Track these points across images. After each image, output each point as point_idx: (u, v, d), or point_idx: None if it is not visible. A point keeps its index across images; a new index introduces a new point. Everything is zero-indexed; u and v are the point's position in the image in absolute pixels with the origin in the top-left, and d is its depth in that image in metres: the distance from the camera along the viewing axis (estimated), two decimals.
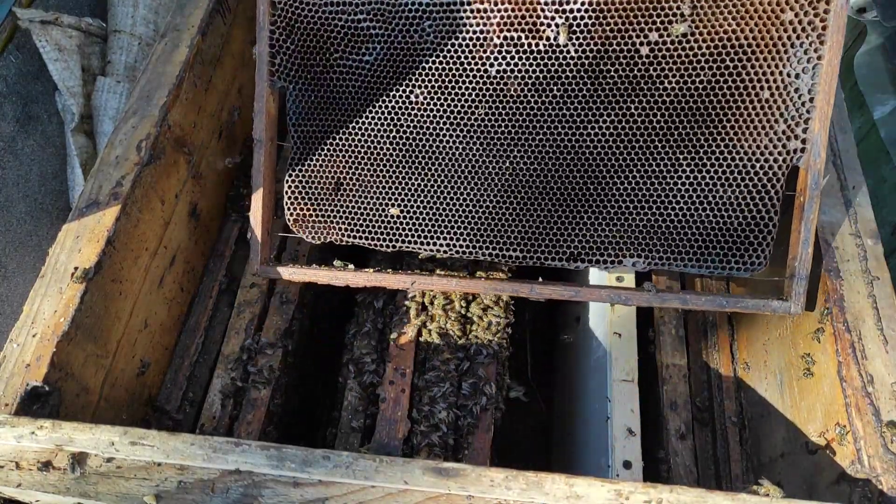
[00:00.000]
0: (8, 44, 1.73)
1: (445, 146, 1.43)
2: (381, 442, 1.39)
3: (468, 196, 1.43)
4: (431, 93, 1.42)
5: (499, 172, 1.41)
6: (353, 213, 1.47)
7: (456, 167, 1.43)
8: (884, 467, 1.03)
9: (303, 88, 1.46)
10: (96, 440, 0.99)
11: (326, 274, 1.46)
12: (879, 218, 1.44)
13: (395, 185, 1.45)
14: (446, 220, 1.44)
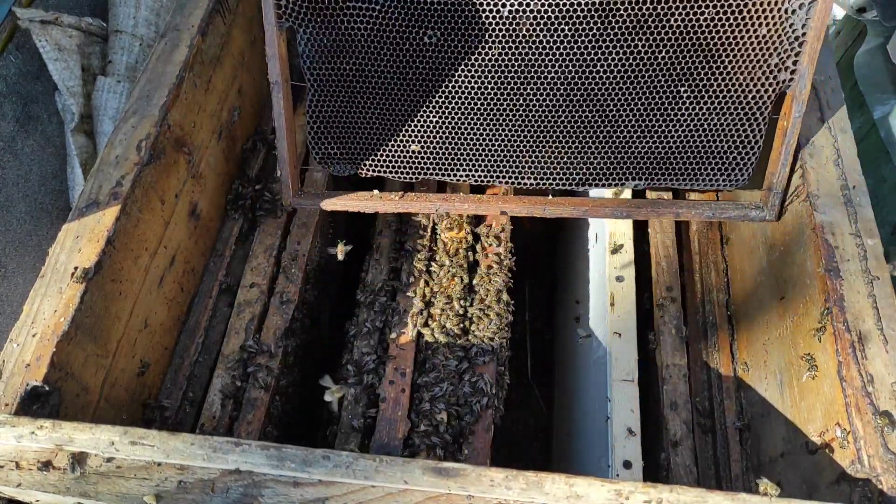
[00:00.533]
0: (8, 44, 1.73)
1: (460, 85, 1.48)
2: (381, 442, 1.39)
3: (484, 130, 1.52)
4: (444, 34, 1.44)
5: (513, 108, 1.49)
6: (377, 149, 1.56)
7: (471, 105, 1.49)
8: (884, 467, 1.03)
9: (314, 31, 1.46)
10: (96, 440, 0.99)
11: (356, 203, 1.58)
12: (879, 218, 1.44)
13: (414, 123, 1.53)
14: (465, 153, 1.55)
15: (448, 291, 1.61)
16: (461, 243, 1.70)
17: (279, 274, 1.66)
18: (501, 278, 1.64)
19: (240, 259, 1.71)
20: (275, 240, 1.70)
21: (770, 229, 1.47)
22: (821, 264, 1.23)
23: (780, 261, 1.40)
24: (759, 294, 1.49)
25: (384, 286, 1.66)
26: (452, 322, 1.56)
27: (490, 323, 1.57)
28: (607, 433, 1.47)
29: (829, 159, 1.36)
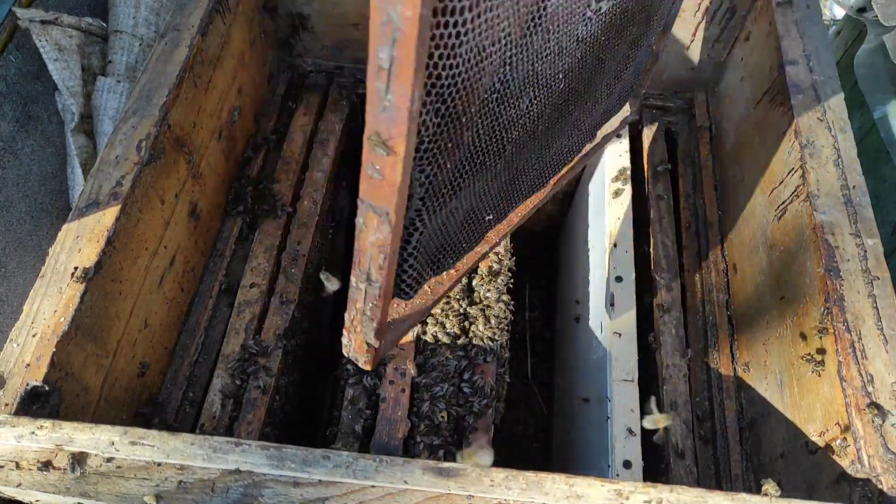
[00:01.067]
0: (8, 44, 1.73)
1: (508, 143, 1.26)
2: (381, 442, 1.39)
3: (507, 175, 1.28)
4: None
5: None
6: (459, 240, 1.22)
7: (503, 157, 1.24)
8: (884, 467, 1.03)
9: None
10: (96, 440, 0.99)
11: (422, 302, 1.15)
12: (879, 218, 1.44)
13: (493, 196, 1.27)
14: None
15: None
16: None
17: (279, 274, 1.66)
18: (501, 278, 1.64)
19: (240, 259, 1.71)
20: (275, 240, 1.70)
21: (770, 229, 1.47)
22: (821, 264, 1.23)
23: (780, 261, 1.40)
24: (759, 294, 1.49)
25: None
26: (452, 322, 1.56)
27: (490, 323, 1.57)
28: (607, 433, 1.47)
29: (829, 159, 1.36)
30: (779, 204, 1.44)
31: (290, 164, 1.83)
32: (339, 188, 2.12)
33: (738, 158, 1.69)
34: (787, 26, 1.56)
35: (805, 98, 1.45)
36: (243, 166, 1.82)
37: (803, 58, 1.51)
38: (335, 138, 1.90)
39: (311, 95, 1.99)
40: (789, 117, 1.44)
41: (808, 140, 1.39)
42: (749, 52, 1.70)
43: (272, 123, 1.95)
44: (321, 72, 2.05)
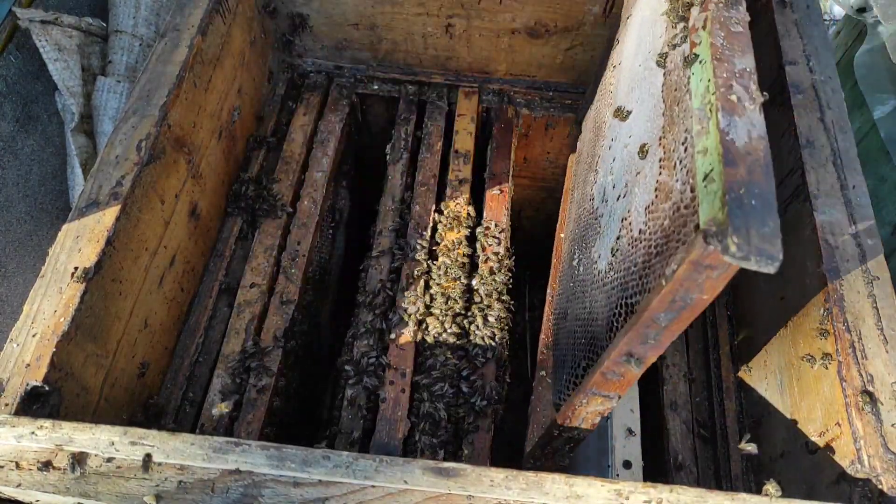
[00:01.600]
0: (8, 44, 1.73)
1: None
2: (381, 442, 1.39)
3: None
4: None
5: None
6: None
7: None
8: (884, 467, 1.03)
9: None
10: (96, 440, 0.98)
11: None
12: (879, 218, 1.44)
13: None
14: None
15: (448, 291, 1.61)
16: (461, 243, 1.70)
17: (279, 274, 1.66)
18: (501, 278, 1.64)
19: (240, 259, 1.71)
20: (275, 240, 1.70)
21: None
22: (821, 264, 1.23)
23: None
24: (759, 294, 1.49)
25: (384, 286, 1.66)
26: (452, 322, 1.56)
27: (490, 323, 1.57)
28: (607, 433, 1.47)
29: (829, 159, 1.36)
30: (779, 204, 1.44)
31: (290, 164, 1.83)
32: (339, 188, 2.12)
33: None
34: (787, 26, 1.56)
35: (805, 98, 1.45)
36: (243, 166, 1.82)
37: (803, 58, 1.51)
38: (335, 138, 1.90)
39: (311, 95, 1.99)
40: (789, 117, 1.44)
41: (808, 140, 1.39)
42: None
43: (272, 123, 1.95)
44: (321, 72, 2.05)
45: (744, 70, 0.94)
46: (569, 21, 1.83)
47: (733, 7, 1.04)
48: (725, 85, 0.91)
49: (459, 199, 1.78)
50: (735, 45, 0.98)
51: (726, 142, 0.83)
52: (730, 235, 0.75)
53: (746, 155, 0.82)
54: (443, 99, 2.01)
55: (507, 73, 2.02)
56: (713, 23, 1.01)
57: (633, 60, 1.47)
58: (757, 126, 0.85)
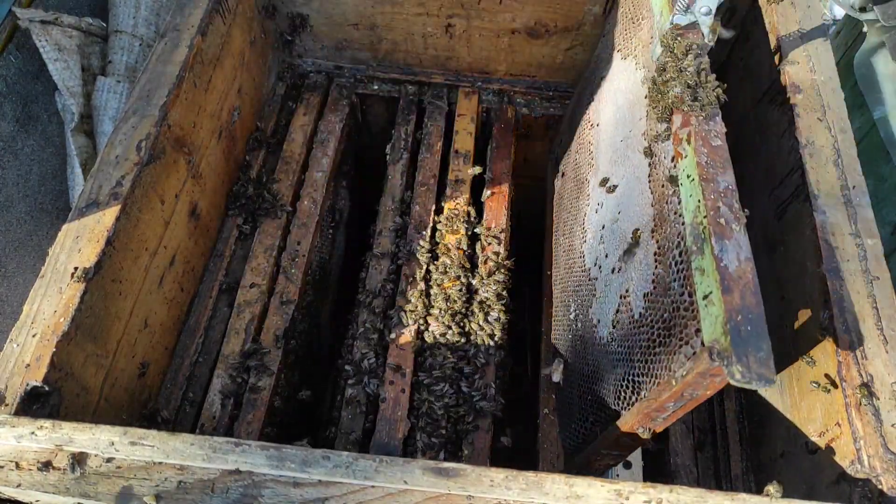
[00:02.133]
0: (8, 44, 1.73)
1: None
2: (381, 442, 1.39)
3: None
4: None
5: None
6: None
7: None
8: (884, 467, 1.03)
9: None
10: (96, 440, 0.98)
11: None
12: (879, 218, 1.44)
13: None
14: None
15: (448, 291, 1.60)
16: (461, 244, 1.70)
17: (279, 274, 1.66)
18: (501, 278, 1.64)
19: (240, 259, 1.71)
20: (275, 240, 1.70)
21: (770, 229, 1.47)
22: (821, 264, 1.23)
23: (780, 261, 1.40)
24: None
25: (384, 287, 1.66)
26: (452, 322, 1.56)
27: (490, 322, 1.57)
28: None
29: (829, 159, 1.36)
30: (779, 204, 1.44)
31: (290, 164, 1.83)
32: (339, 188, 2.12)
33: (739, 158, 1.69)
34: (787, 26, 1.56)
35: (805, 98, 1.45)
36: (243, 166, 1.82)
37: (803, 58, 1.51)
38: (335, 138, 1.90)
39: (311, 95, 1.99)
40: (789, 117, 1.44)
41: (808, 140, 1.39)
42: (749, 52, 1.70)
43: (272, 123, 1.95)
44: (321, 72, 2.05)
45: (727, 188, 1.08)
46: (569, 21, 1.83)
47: (712, 119, 1.16)
48: (714, 208, 1.04)
49: (459, 199, 1.78)
50: (717, 160, 1.11)
51: (721, 268, 0.97)
52: (734, 364, 0.87)
53: (738, 279, 0.96)
54: (443, 99, 2.01)
55: (507, 73, 2.02)
56: (696, 138, 1.13)
57: (613, 131, 1.55)
58: (744, 247, 1.00)
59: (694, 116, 1.16)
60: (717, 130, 1.16)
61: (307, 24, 1.93)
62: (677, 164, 1.17)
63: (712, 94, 1.19)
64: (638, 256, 1.28)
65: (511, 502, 0.94)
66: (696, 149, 1.12)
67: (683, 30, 1.28)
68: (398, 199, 1.82)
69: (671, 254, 1.14)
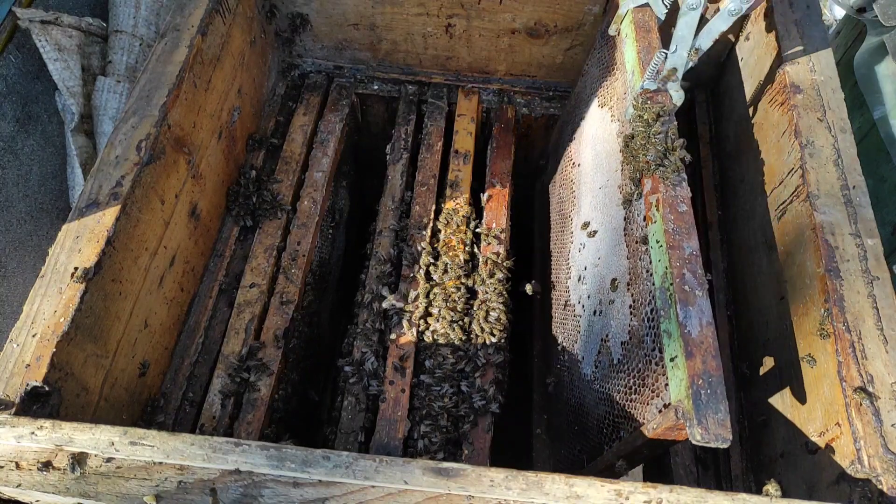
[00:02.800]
0: (8, 44, 1.73)
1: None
2: (381, 442, 1.39)
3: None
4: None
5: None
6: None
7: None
8: (884, 467, 1.03)
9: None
10: (96, 440, 0.98)
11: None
12: (879, 218, 1.44)
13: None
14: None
15: (448, 291, 1.61)
16: (461, 244, 1.70)
17: (279, 274, 1.66)
18: (501, 278, 1.64)
19: (240, 259, 1.71)
20: (275, 240, 1.70)
21: (770, 229, 1.47)
22: (821, 264, 1.23)
23: (780, 261, 1.40)
24: (759, 294, 1.49)
25: (384, 287, 1.66)
26: (452, 322, 1.56)
27: (489, 322, 1.57)
28: None
29: (829, 159, 1.36)
30: (779, 204, 1.44)
31: (290, 164, 1.83)
32: (339, 188, 2.12)
33: (738, 158, 1.69)
34: (787, 26, 1.56)
35: (805, 98, 1.45)
36: (243, 166, 1.82)
37: (803, 58, 1.51)
38: (335, 138, 1.90)
39: (311, 95, 1.99)
40: (789, 117, 1.44)
41: (808, 140, 1.39)
42: (749, 52, 1.70)
43: (272, 123, 1.95)
44: (321, 72, 2.05)
45: (692, 254, 1.16)
46: (569, 21, 1.83)
47: (679, 185, 1.24)
48: (679, 275, 1.13)
49: (459, 199, 1.78)
50: (682, 227, 1.19)
51: (685, 335, 1.06)
52: (695, 426, 0.97)
53: (700, 344, 1.06)
54: (443, 99, 2.01)
55: (507, 73, 2.02)
56: (664, 205, 1.22)
57: (592, 176, 1.62)
58: (706, 312, 1.09)
59: (662, 183, 1.23)
60: (682, 196, 1.23)
61: (307, 24, 1.93)
62: (648, 226, 1.24)
63: (678, 160, 1.25)
64: (616, 304, 1.37)
65: (511, 502, 0.94)
66: (664, 216, 1.20)
67: (653, 93, 1.35)
68: (398, 199, 1.82)
69: (644, 309, 1.22)
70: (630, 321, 1.29)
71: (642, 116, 1.32)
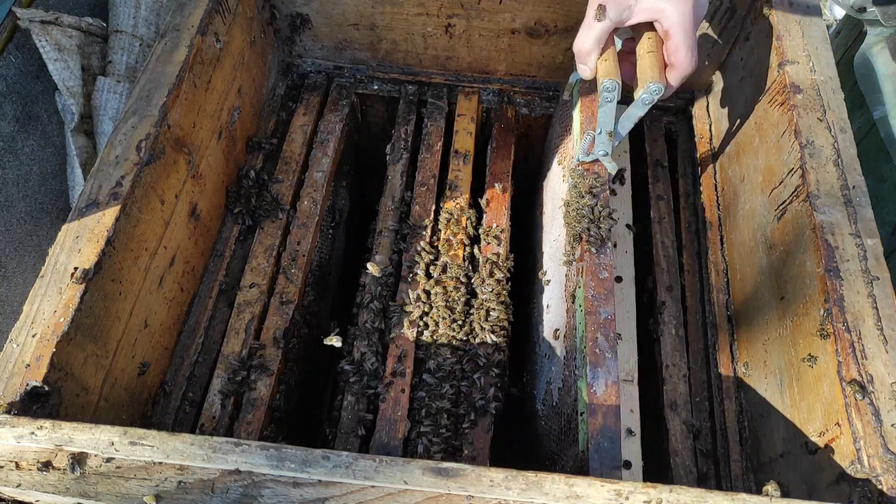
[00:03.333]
0: (8, 44, 1.73)
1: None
2: (380, 442, 1.39)
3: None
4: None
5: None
6: None
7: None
8: (884, 467, 1.03)
9: None
10: (96, 440, 0.98)
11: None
12: (879, 218, 1.44)
13: None
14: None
15: (448, 291, 1.61)
16: (461, 244, 1.70)
17: (279, 274, 1.66)
18: (501, 278, 1.64)
19: (240, 259, 1.71)
20: (275, 240, 1.70)
21: (770, 229, 1.47)
22: (821, 264, 1.23)
23: (780, 261, 1.40)
24: (759, 294, 1.49)
25: (384, 287, 1.66)
26: (452, 322, 1.56)
27: (490, 322, 1.57)
28: None
29: (829, 159, 1.36)
30: (779, 204, 1.44)
31: (290, 164, 1.83)
32: (339, 188, 2.12)
33: (738, 158, 1.69)
34: (787, 26, 1.56)
35: (805, 98, 1.45)
36: (243, 166, 1.82)
37: (803, 58, 1.51)
38: (335, 138, 1.90)
39: (311, 95, 1.99)
40: (789, 117, 1.44)
41: (808, 140, 1.39)
42: (749, 52, 1.70)
43: (272, 123, 1.95)
44: (321, 72, 2.05)
45: (607, 318, 1.29)
46: (569, 21, 1.83)
47: (602, 253, 1.36)
48: (593, 338, 1.26)
49: (459, 199, 1.78)
50: (601, 293, 1.32)
51: (591, 394, 1.20)
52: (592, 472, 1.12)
53: (603, 403, 1.19)
54: (443, 99, 2.01)
55: (507, 73, 2.02)
56: (587, 273, 1.34)
57: (549, 227, 1.73)
58: (612, 372, 1.22)
59: (588, 253, 1.36)
60: (605, 264, 1.36)
61: (307, 24, 1.93)
62: (575, 290, 1.37)
63: (604, 231, 1.37)
64: (557, 353, 1.49)
65: (511, 502, 0.94)
66: (585, 283, 1.33)
67: (590, 164, 1.46)
68: (398, 199, 1.82)
69: (571, 363, 1.35)
70: (563, 371, 1.43)
71: (577, 187, 1.44)
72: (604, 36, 1.31)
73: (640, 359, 1.55)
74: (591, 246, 1.35)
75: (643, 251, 1.76)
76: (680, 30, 1.24)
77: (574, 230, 1.40)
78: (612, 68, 1.32)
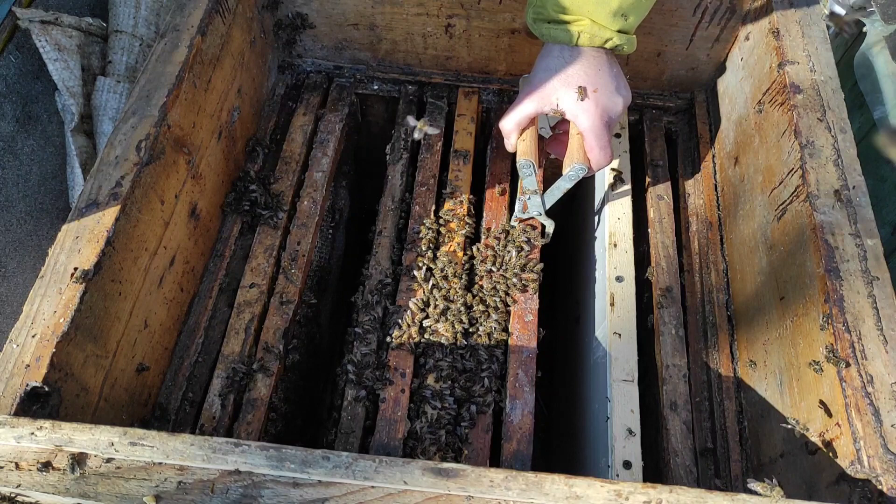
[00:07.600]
0: (8, 44, 1.73)
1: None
2: (380, 442, 1.39)
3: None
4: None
5: None
6: None
7: None
8: (884, 467, 1.03)
9: None
10: (96, 440, 0.98)
11: None
12: (879, 218, 1.44)
13: None
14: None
15: (448, 292, 1.60)
16: (461, 244, 1.70)
17: (279, 274, 1.66)
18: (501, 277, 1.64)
19: (240, 259, 1.71)
20: (275, 240, 1.70)
21: (770, 229, 1.47)
22: (820, 264, 1.23)
23: (780, 261, 1.40)
24: (759, 294, 1.49)
25: (384, 287, 1.66)
26: (452, 322, 1.56)
27: (490, 322, 1.57)
28: (607, 433, 1.47)
29: (829, 159, 1.36)
30: (779, 204, 1.44)
31: (290, 164, 1.83)
32: (339, 188, 2.12)
33: (739, 158, 1.69)
34: (787, 26, 1.56)
35: (805, 98, 1.45)
36: (243, 166, 1.82)
37: (803, 58, 1.51)
38: (335, 138, 1.90)
39: (311, 95, 1.99)
40: (789, 117, 1.44)
41: (808, 140, 1.39)
42: (749, 52, 1.70)
43: (272, 123, 1.95)
44: (321, 72, 2.05)
45: (528, 357, 1.49)
46: None
47: (530, 300, 1.58)
48: (514, 374, 1.47)
49: (459, 199, 1.78)
50: (525, 334, 1.53)
51: (508, 422, 1.41)
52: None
53: (518, 430, 1.41)
54: (443, 99, 2.01)
55: (507, 73, 2.01)
56: (514, 318, 1.56)
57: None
58: (528, 404, 1.43)
59: (516, 303, 1.57)
60: (531, 308, 1.56)
61: (307, 24, 1.93)
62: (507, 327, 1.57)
63: (529, 280, 1.58)
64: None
65: (511, 502, 0.94)
66: (512, 326, 1.54)
67: (528, 219, 1.67)
68: (398, 200, 1.82)
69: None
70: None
71: (514, 241, 1.65)
72: (524, 121, 1.51)
73: (641, 359, 1.55)
74: (521, 290, 1.56)
75: (643, 251, 1.76)
76: (591, 133, 1.42)
77: (508, 278, 1.60)
78: (527, 148, 1.51)
